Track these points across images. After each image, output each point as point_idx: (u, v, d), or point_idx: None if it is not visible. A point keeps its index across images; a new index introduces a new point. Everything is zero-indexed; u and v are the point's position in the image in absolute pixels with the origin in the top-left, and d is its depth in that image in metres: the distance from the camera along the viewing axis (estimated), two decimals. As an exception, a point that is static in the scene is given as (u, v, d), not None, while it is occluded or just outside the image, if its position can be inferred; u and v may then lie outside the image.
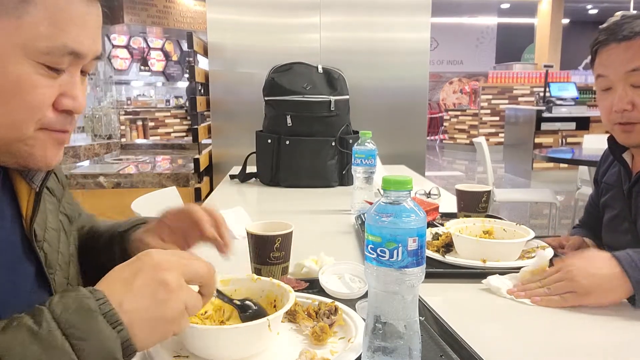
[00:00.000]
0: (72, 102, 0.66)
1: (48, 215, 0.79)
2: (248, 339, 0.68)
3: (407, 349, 0.62)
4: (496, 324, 0.87)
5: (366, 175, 1.60)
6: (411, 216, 0.60)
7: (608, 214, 1.31)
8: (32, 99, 0.63)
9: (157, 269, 0.57)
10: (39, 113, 0.64)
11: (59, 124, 0.66)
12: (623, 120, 1.14)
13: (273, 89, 2.13)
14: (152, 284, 0.56)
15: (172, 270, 0.58)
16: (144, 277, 0.57)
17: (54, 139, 0.67)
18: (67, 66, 0.65)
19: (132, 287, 0.56)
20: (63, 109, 0.66)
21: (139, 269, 0.58)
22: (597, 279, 0.90)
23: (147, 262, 0.58)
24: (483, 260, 1.06)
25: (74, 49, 0.63)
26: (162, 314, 0.56)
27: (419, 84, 2.81)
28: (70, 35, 0.62)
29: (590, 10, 13.45)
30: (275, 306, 0.76)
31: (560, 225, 4.24)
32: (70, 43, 0.63)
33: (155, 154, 3.29)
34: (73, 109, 0.66)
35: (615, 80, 1.14)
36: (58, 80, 0.64)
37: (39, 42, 0.61)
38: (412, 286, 0.61)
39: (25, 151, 0.66)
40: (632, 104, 1.12)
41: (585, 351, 0.76)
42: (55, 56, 0.62)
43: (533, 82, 10.02)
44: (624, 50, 1.11)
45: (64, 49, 0.62)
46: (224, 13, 2.68)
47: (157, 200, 1.81)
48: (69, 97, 0.66)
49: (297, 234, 1.02)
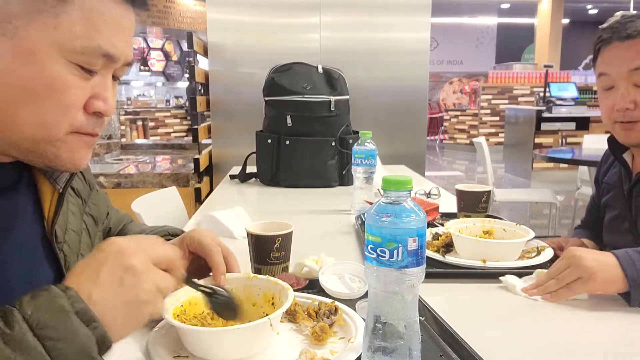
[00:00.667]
0: (103, 104, 0.66)
1: (70, 216, 0.79)
2: (249, 338, 0.68)
3: (407, 349, 0.62)
4: (496, 324, 0.86)
5: (366, 175, 1.60)
6: (411, 216, 0.60)
7: (609, 215, 1.31)
8: (65, 99, 0.62)
9: (121, 256, 0.58)
10: (70, 114, 0.64)
11: (90, 126, 0.66)
12: (625, 119, 1.14)
13: (273, 89, 2.13)
14: (118, 271, 0.57)
15: (137, 254, 0.59)
16: (110, 266, 0.57)
17: (84, 142, 0.67)
18: (100, 69, 0.65)
19: (98, 278, 0.56)
20: (94, 111, 0.66)
21: (104, 258, 0.58)
22: (599, 265, 0.90)
23: (111, 251, 0.58)
24: (483, 260, 1.06)
25: (108, 51, 0.64)
26: (133, 297, 0.57)
27: (419, 84, 2.81)
28: (104, 37, 0.63)
29: (590, 11, 13.45)
30: (274, 304, 0.76)
31: (560, 225, 4.24)
32: (104, 45, 0.63)
33: (155, 154, 3.29)
34: (103, 112, 0.67)
35: (618, 79, 1.14)
36: (90, 82, 0.65)
37: (75, 42, 0.61)
38: (412, 286, 0.61)
39: (52, 153, 0.65)
40: (634, 103, 1.12)
41: (585, 351, 0.76)
42: (89, 57, 0.62)
43: (533, 82, 10.02)
44: (627, 49, 1.11)
45: (98, 50, 0.63)
46: (224, 13, 2.68)
47: (157, 200, 1.81)
48: (100, 100, 0.66)
49: (297, 234, 1.02)
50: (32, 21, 0.59)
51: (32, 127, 0.62)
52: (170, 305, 0.71)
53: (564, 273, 0.93)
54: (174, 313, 0.70)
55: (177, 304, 0.73)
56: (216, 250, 0.81)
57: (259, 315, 0.74)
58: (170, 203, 1.91)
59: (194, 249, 0.83)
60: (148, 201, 1.72)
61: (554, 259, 1.11)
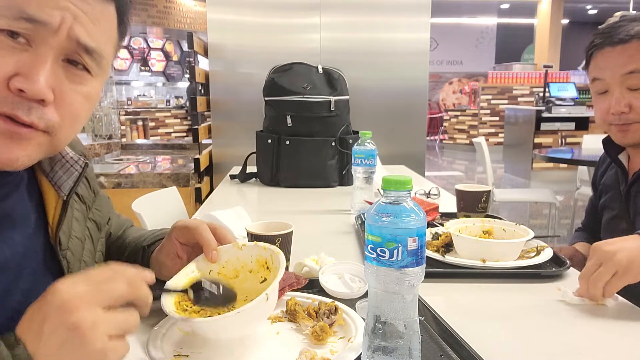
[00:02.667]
0: (25, 81, 0.57)
1: (74, 223, 0.77)
2: (252, 317, 0.68)
3: (407, 348, 0.62)
4: (496, 324, 0.87)
5: (366, 175, 1.60)
6: (411, 216, 0.60)
7: (607, 215, 1.31)
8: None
9: (63, 312, 0.51)
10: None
11: (8, 105, 0.57)
12: (620, 122, 1.16)
13: (273, 89, 2.13)
14: (61, 331, 0.51)
15: (81, 306, 0.52)
16: (52, 324, 0.51)
17: (3, 129, 0.58)
18: (32, 38, 0.58)
19: (42, 335, 0.51)
20: (16, 89, 0.57)
21: (47, 313, 0.52)
22: (631, 253, 0.87)
23: (54, 304, 0.52)
24: (483, 260, 1.07)
25: (31, 14, 0.57)
26: (81, 357, 0.51)
27: (419, 84, 2.81)
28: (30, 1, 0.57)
29: (590, 11, 13.46)
30: (268, 267, 0.77)
31: (559, 225, 4.24)
32: (27, 7, 0.56)
33: (155, 154, 3.29)
34: (26, 90, 0.57)
35: (612, 83, 1.15)
36: (16, 56, 0.57)
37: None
38: (412, 286, 0.61)
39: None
40: (629, 106, 1.13)
41: (585, 351, 0.76)
42: (7, 18, 0.56)
43: (533, 82, 10.02)
44: (619, 53, 1.12)
45: (17, 11, 0.56)
46: (224, 13, 2.69)
47: (157, 200, 1.81)
48: (22, 75, 0.57)
49: (297, 234, 1.02)
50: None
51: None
52: (171, 294, 0.71)
53: (598, 272, 0.88)
54: (175, 301, 0.71)
55: (179, 289, 0.73)
56: (203, 227, 0.80)
57: (257, 281, 0.77)
58: (171, 203, 1.91)
59: (184, 240, 0.82)
60: (148, 201, 1.72)
61: (553, 258, 1.11)
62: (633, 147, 1.21)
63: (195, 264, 0.78)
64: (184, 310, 0.70)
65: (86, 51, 0.62)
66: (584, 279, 0.90)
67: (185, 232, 0.81)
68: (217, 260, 0.79)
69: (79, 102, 0.64)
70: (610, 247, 0.88)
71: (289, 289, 0.88)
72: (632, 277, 0.87)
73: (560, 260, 1.09)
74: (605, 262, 0.88)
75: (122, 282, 0.56)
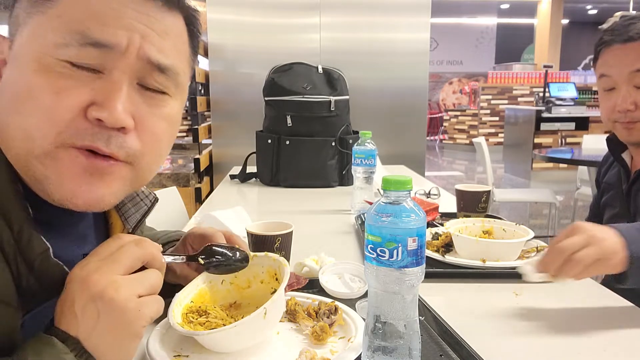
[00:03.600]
0: (102, 111, 0.55)
1: None
2: (249, 331, 0.68)
3: (407, 348, 0.62)
4: (496, 324, 0.87)
5: (366, 175, 1.60)
6: (411, 216, 0.60)
7: (608, 213, 1.31)
8: (47, 101, 0.54)
9: (85, 287, 0.54)
10: (56, 120, 0.54)
11: (87, 137, 0.55)
12: (626, 120, 1.16)
13: (273, 89, 2.13)
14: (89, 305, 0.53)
15: (100, 278, 0.54)
16: (80, 302, 0.54)
17: (80, 163, 0.56)
18: (103, 65, 0.56)
19: (77, 317, 0.53)
20: (94, 119, 0.55)
21: (72, 294, 0.54)
22: (615, 245, 0.84)
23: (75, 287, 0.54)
24: (483, 260, 1.07)
25: (96, 38, 0.55)
26: (116, 322, 0.54)
27: (419, 84, 2.81)
28: (91, 24, 0.55)
29: (590, 11, 13.46)
30: (277, 279, 0.78)
31: (559, 226, 4.24)
32: (91, 32, 0.54)
33: (155, 154, 3.28)
34: (104, 120, 0.55)
35: (619, 81, 1.15)
36: (90, 84, 0.55)
37: (55, 33, 0.54)
38: (412, 286, 0.61)
39: (41, 173, 0.56)
40: (635, 104, 1.13)
41: (585, 351, 0.76)
42: (75, 48, 0.54)
43: (532, 82, 10.03)
44: (628, 51, 1.12)
45: (82, 37, 0.54)
46: (224, 13, 2.69)
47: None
48: (99, 105, 0.55)
49: (297, 234, 1.02)
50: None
51: (18, 139, 0.55)
52: (179, 305, 0.72)
53: (586, 252, 0.82)
54: (183, 312, 0.72)
55: (187, 301, 0.74)
56: (219, 236, 0.80)
57: (268, 292, 0.78)
58: (171, 203, 1.91)
59: (199, 247, 0.82)
60: (148, 201, 1.71)
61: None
62: (636, 145, 1.21)
63: (207, 275, 0.78)
64: (189, 322, 0.71)
65: (159, 70, 0.60)
66: (561, 253, 0.83)
67: (201, 240, 0.81)
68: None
69: (160, 126, 0.62)
70: (601, 234, 0.84)
71: (289, 289, 0.88)
72: (610, 268, 0.84)
73: (560, 260, 1.09)
74: (594, 245, 0.82)
75: (130, 245, 0.58)
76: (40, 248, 0.57)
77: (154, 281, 0.58)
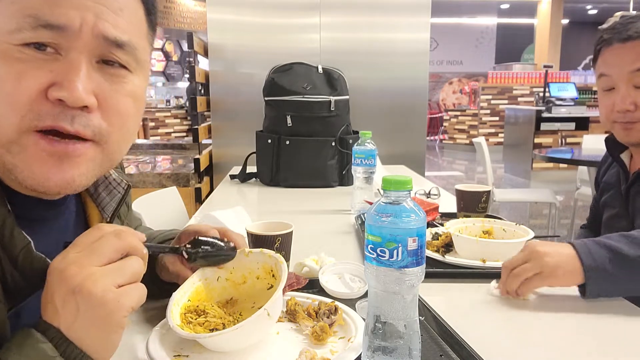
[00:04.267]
0: (62, 90, 0.55)
1: None
2: (252, 330, 0.69)
3: (407, 348, 0.62)
4: (496, 324, 0.87)
5: (366, 175, 1.60)
6: (411, 216, 0.60)
7: (607, 213, 1.31)
8: (8, 88, 0.54)
9: (63, 280, 0.53)
10: (19, 105, 0.54)
11: (50, 118, 0.55)
12: (625, 120, 1.15)
13: (273, 89, 2.13)
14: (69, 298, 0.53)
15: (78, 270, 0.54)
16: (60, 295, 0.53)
17: (46, 148, 0.56)
18: (56, 45, 0.56)
19: (58, 309, 0.53)
20: (56, 99, 0.55)
21: (52, 289, 0.54)
22: (560, 258, 0.90)
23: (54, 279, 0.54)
24: (483, 260, 1.07)
25: (47, 20, 0.54)
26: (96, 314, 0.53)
27: (419, 84, 2.81)
28: (42, 6, 0.55)
29: (590, 11, 13.46)
30: (274, 275, 0.78)
31: (559, 225, 4.24)
32: (41, 14, 0.54)
33: (155, 154, 3.29)
34: (65, 99, 0.55)
35: (619, 80, 1.14)
36: (48, 66, 0.55)
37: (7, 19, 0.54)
38: (412, 286, 0.61)
39: (10, 162, 0.56)
40: (634, 104, 1.12)
41: (585, 351, 0.76)
42: (27, 32, 0.54)
43: (532, 82, 10.03)
44: (628, 50, 1.11)
45: (33, 20, 0.54)
46: (224, 13, 2.69)
47: (157, 200, 1.81)
48: (59, 85, 0.55)
49: (297, 234, 1.02)
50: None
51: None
52: (177, 305, 0.72)
53: (523, 267, 0.91)
54: (181, 312, 0.72)
55: (185, 300, 0.74)
56: (213, 232, 0.80)
57: (264, 287, 0.78)
58: (171, 203, 1.91)
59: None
60: (148, 201, 1.72)
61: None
62: (635, 146, 1.21)
63: (202, 272, 0.78)
64: (188, 322, 0.71)
65: (117, 45, 0.59)
66: (506, 269, 0.94)
67: (195, 235, 0.81)
68: (223, 266, 0.79)
69: (124, 102, 0.62)
70: (543, 249, 0.91)
71: (289, 289, 0.88)
72: (554, 281, 0.91)
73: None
74: (533, 260, 0.91)
75: (110, 236, 0.57)
76: (22, 243, 0.58)
77: (134, 269, 0.57)
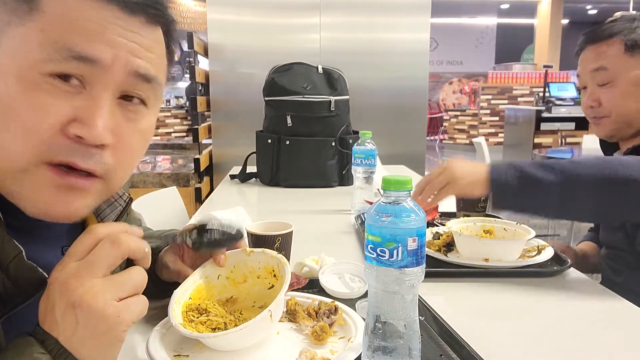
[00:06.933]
0: (83, 127, 0.54)
1: None
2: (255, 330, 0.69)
3: (407, 348, 0.62)
4: (496, 323, 0.87)
5: (366, 175, 1.60)
6: (411, 216, 0.60)
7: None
8: (27, 119, 0.53)
9: (64, 294, 0.52)
10: (36, 138, 0.53)
11: (64, 153, 0.54)
12: (592, 115, 1.24)
13: (273, 89, 2.13)
14: (69, 311, 0.52)
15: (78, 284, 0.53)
16: (59, 308, 0.52)
17: (54, 181, 0.55)
18: (85, 79, 0.55)
19: (57, 323, 0.52)
20: (74, 136, 0.54)
21: (52, 301, 0.53)
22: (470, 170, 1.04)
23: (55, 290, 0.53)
24: (485, 260, 1.07)
25: (79, 52, 0.53)
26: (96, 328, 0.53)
27: (419, 84, 2.81)
28: (76, 38, 0.54)
29: (590, 11, 13.46)
30: (275, 275, 0.78)
31: (559, 225, 4.24)
32: (74, 45, 0.53)
33: (155, 154, 3.29)
34: (84, 136, 0.54)
35: (586, 80, 1.24)
36: (71, 100, 0.54)
37: (39, 48, 0.53)
38: (412, 286, 0.61)
39: (16, 192, 0.56)
40: (597, 101, 1.21)
41: (585, 351, 0.76)
42: (57, 62, 0.53)
43: (532, 82, 10.02)
44: (591, 51, 1.21)
45: (65, 50, 0.53)
46: (224, 13, 2.68)
47: (157, 200, 1.81)
48: (79, 121, 0.54)
49: (297, 234, 1.02)
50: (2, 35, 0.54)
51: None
52: (178, 303, 0.72)
53: (438, 179, 1.07)
54: (183, 311, 0.72)
55: (186, 298, 0.74)
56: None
57: (265, 287, 0.78)
58: (171, 203, 1.91)
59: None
60: (148, 201, 1.72)
61: (554, 257, 1.11)
62: (625, 142, 1.24)
63: (202, 270, 0.78)
64: (190, 321, 0.71)
65: (145, 80, 0.59)
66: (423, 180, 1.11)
67: None
68: (224, 265, 0.79)
69: (136, 140, 0.61)
70: (458, 163, 1.07)
71: (289, 289, 0.88)
72: (456, 189, 1.07)
73: (561, 259, 1.10)
74: (444, 173, 1.07)
75: (105, 245, 0.55)
76: (13, 252, 0.57)
77: (136, 281, 0.56)
